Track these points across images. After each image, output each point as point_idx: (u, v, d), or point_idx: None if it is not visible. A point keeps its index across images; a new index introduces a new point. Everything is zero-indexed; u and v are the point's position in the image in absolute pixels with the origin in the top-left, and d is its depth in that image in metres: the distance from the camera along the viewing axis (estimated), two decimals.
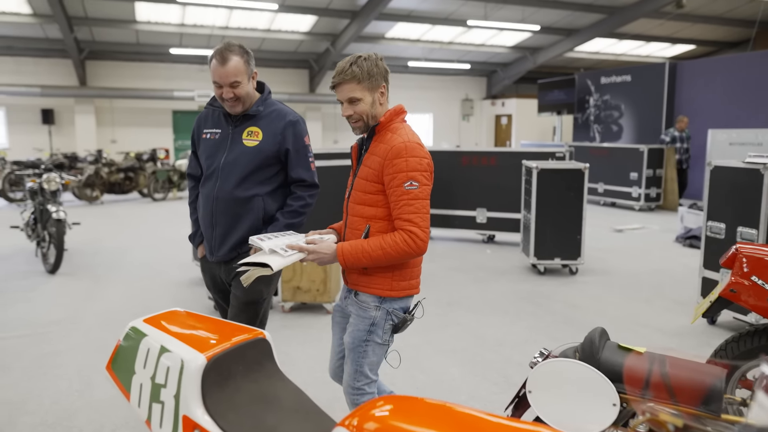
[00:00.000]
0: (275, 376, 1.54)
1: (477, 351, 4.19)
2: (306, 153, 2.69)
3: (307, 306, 5.24)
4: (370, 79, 2.19)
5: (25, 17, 15.21)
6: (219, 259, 2.67)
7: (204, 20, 16.47)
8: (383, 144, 2.19)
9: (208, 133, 2.71)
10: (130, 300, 5.49)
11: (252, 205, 2.61)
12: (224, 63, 2.51)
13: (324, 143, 21.50)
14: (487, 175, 7.98)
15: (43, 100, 17.81)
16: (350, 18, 16.53)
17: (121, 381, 1.59)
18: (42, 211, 6.70)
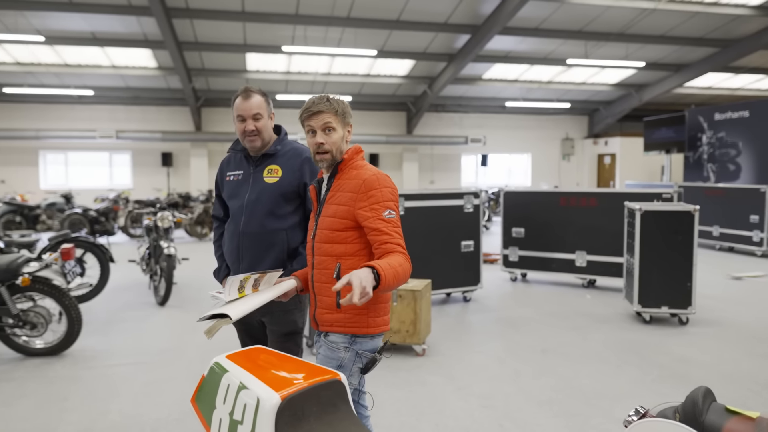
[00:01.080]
0: (349, 419, 1.52)
1: (573, 403, 3.95)
2: None
3: (396, 347, 5.21)
4: (344, 115, 2.31)
5: (151, 70, 16.80)
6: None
7: (308, 68, 17.37)
8: (351, 180, 2.26)
9: (231, 175, 2.88)
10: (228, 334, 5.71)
11: (276, 239, 2.75)
12: (248, 98, 2.73)
13: (420, 183, 21.69)
14: (588, 216, 7.66)
15: (164, 144, 19.42)
16: (447, 61, 16.78)
17: (203, 414, 1.64)
18: (155, 246, 7.21)
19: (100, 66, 16.51)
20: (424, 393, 4.14)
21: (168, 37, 13.63)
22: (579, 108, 22.46)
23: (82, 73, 16.72)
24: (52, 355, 5.01)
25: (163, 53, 15.37)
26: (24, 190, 18.48)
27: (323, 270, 2.27)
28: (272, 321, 2.78)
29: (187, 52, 15.57)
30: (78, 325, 5.02)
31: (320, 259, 2.28)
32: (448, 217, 6.80)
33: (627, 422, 1.94)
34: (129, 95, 18.78)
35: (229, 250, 2.83)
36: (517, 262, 8.16)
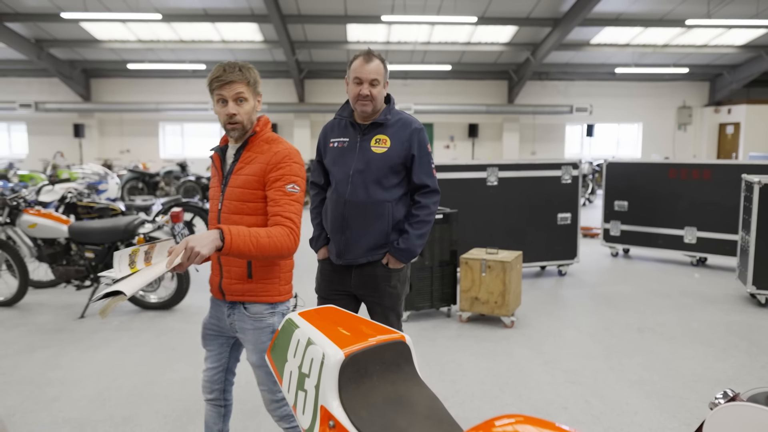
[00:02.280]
0: (412, 380, 1.55)
1: (668, 385, 3.76)
2: (429, 160, 2.80)
3: (485, 317, 5.18)
4: (255, 84, 2.24)
5: (257, 44, 17.43)
6: (347, 262, 2.77)
7: (407, 37, 17.26)
8: (262, 154, 2.23)
9: (335, 142, 2.81)
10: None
11: (383, 210, 2.72)
12: (368, 62, 2.65)
13: (521, 155, 21.08)
14: (700, 190, 7.12)
15: (269, 115, 20.09)
16: (552, 26, 16.02)
17: (276, 366, 1.74)
18: None
19: (211, 41, 17.36)
20: (510, 364, 4.10)
21: (272, 11, 14.04)
22: (699, 73, 20.68)
23: (195, 48, 17.68)
24: (164, 309, 5.47)
25: (269, 27, 15.87)
26: (146, 158, 20.03)
27: None
28: (373, 293, 2.79)
29: (290, 25, 15.97)
30: (186, 284, 5.44)
31: None
32: (544, 188, 6.59)
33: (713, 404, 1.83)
34: None
35: (332, 218, 2.78)
36: (619, 236, 7.77)
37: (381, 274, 2.78)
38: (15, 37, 15.87)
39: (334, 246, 2.81)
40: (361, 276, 2.79)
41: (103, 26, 15.87)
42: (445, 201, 6.04)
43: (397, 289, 2.82)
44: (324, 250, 2.90)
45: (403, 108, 19.32)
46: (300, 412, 1.54)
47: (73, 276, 5.42)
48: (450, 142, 21.03)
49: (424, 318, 5.19)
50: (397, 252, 2.75)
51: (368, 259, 2.75)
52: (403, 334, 1.62)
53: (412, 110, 19.43)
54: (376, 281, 2.78)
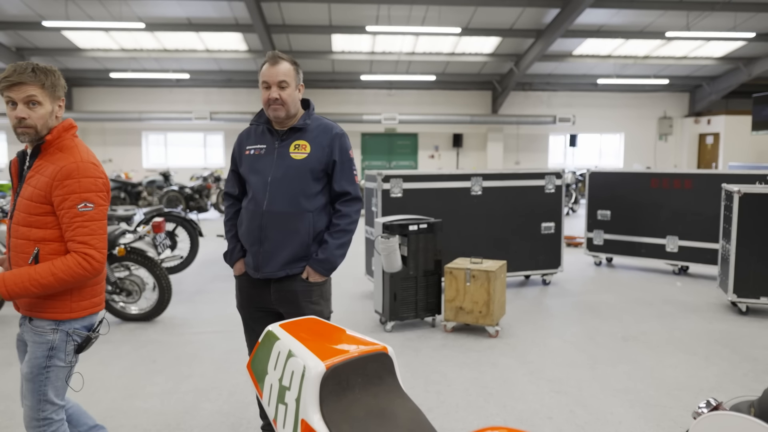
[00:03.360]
0: (395, 392, 1.53)
1: (652, 394, 3.77)
2: (351, 166, 2.69)
3: (470, 327, 5.16)
4: (54, 88, 2.11)
5: (242, 53, 17.40)
6: (266, 275, 2.63)
7: (392, 47, 17.33)
8: (52, 164, 2.09)
9: (251, 149, 2.67)
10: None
11: (302, 220, 2.59)
12: (275, 64, 2.55)
13: (506, 164, 21.21)
14: (681, 199, 7.20)
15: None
16: (535, 37, 16.20)
17: (257, 379, 1.71)
18: None
19: (195, 50, 17.29)
20: (495, 374, 4.09)
21: (257, 20, 14.03)
22: (679, 84, 21.02)
23: (179, 58, 17.59)
24: (145, 320, 5.38)
25: (253, 36, 15.85)
26: (128, 168, 19.84)
27: (20, 254, 2.13)
28: (291, 308, 2.65)
29: (275, 35, 15.97)
30: (168, 294, 5.36)
31: (17, 242, 2.14)
32: (528, 197, 6.62)
33: (696, 414, 1.83)
34: (222, 78, 19.59)
35: (248, 230, 2.64)
36: (602, 246, 7.83)
37: (301, 288, 2.64)
38: None
39: (251, 259, 2.66)
40: (280, 291, 2.66)
41: (86, 35, 15.74)
42: (429, 210, 6.04)
43: (319, 305, 2.69)
44: (240, 264, 2.76)
45: (386, 117, 19.36)
46: (281, 426, 1.51)
47: None
48: (434, 152, 21.10)
49: (409, 328, 5.17)
50: (316, 264, 2.61)
51: (287, 272, 2.62)
52: (385, 345, 1.60)
53: (397, 120, 19.50)
54: (295, 296, 2.64)
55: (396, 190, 6.11)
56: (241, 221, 2.71)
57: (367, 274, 6.54)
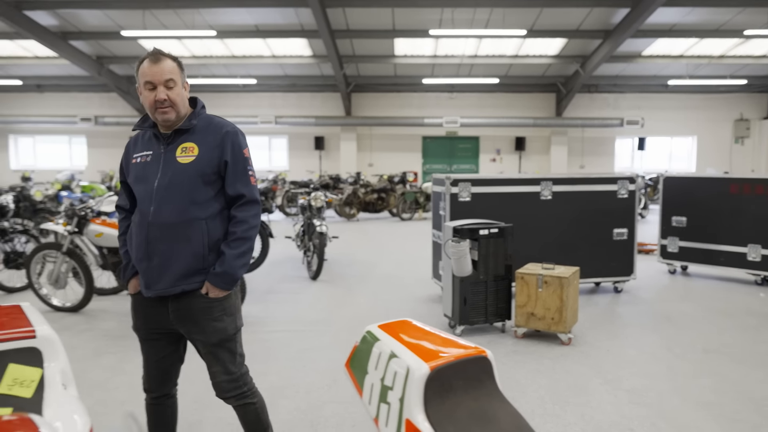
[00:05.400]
0: (495, 396, 1.54)
1: (739, 409, 3.61)
2: (246, 166, 2.45)
3: (540, 334, 5.09)
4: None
5: (306, 58, 17.78)
6: (157, 293, 2.39)
7: (455, 50, 17.29)
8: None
9: (138, 157, 2.45)
10: (374, 308, 5.98)
11: (194, 229, 2.35)
12: (157, 62, 2.33)
13: (569, 168, 20.75)
14: (764, 206, 6.85)
15: (316, 128, 20.52)
16: (603, 38, 15.79)
17: (356, 378, 1.76)
18: (309, 224, 7.70)
19: (262, 56, 17.80)
20: (570, 382, 4.02)
21: (322, 26, 14.31)
22: (757, 85, 19.99)
23: (246, 64, 18.16)
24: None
25: (318, 42, 16.18)
26: None
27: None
28: (194, 329, 2.44)
29: (339, 40, 16.23)
30: (242, 294, 5.54)
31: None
32: (599, 203, 6.47)
33: None
34: (286, 83, 20.07)
35: (136, 244, 2.39)
36: (677, 253, 7.54)
37: (200, 306, 2.40)
38: (78, 54, 16.63)
39: (141, 276, 2.43)
40: (178, 309, 2.42)
41: (160, 43, 16.47)
42: (497, 215, 6.00)
43: (222, 322, 2.44)
44: (135, 282, 2.51)
45: (447, 120, 19.30)
46: (383, 424, 1.55)
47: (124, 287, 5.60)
48: (496, 156, 20.89)
49: (478, 333, 5.15)
50: (214, 278, 2.37)
51: (182, 288, 2.38)
52: (484, 349, 1.62)
53: (459, 123, 19.41)
54: (195, 314, 2.41)
55: (464, 194, 6.10)
56: (130, 235, 2.47)
57: (434, 278, 6.55)
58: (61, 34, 15.73)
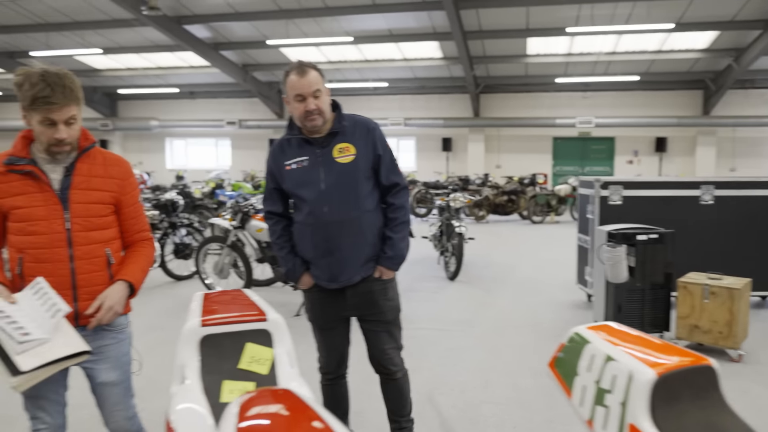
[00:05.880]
0: (724, 409, 1.49)
1: None
2: (392, 156, 2.71)
3: (704, 348, 4.75)
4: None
5: (437, 60, 17.91)
6: (342, 284, 2.63)
7: (591, 48, 16.58)
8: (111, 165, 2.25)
9: (292, 164, 2.60)
10: (517, 311, 5.91)
11: (367, 221, 2.61)
12: (304, 74, 2.50)
13: (718, 171, 19.09)
14: None
15: (444, 130, 20.59)
16: (762, 28, 14.36)
17: (563, 379, 1.77)
18: (447, 225, 7.77)
19: (393, 60, 18.19)
20: (746, 402, 3.73)
21: (455, 28, 14.34)
22: None
23: (378, 67, 18.65)
24: None
25: (449, 44, 16.23)
26: None
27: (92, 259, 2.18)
28: (377, 312, 2.70)
29: (470, 41, 16.17)
30: None
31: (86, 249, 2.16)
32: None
33: None
34: (416, 85, 20.34)
35: (313, 243, 2.60)
36: None
37: (377, 288, 2.69)
38: (227, 63, 18.02)
39: (321, 271, 2.65)
40: (356, 295, 2.67)
41: (299, 50, 17.41)
42: (651, 220, 5.68)
43: (395, 300, 2.77)
44: (307, 278, 2.71)
45: (581, 121, 18.55)
46: (599, 427, 1.55)
47: None
48: (633, 157, 19.73)
49: None
50: (387, 261, 2.66)
51: (362, 276, 2.65)
52: (707, 357, 1.56)
53: (593, 123, 18.59)
54: (373, 297, 2.68)
55: (615, 197, 5.85)
56: (300, 236, 2.67)
57: (579, 284, 6.34)
58: (214, 44, 17.12)
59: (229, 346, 1.79)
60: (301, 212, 2.62)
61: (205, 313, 1.85)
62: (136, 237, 2.34)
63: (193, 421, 1.55)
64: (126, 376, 2.32)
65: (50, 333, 1.86)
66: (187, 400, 1.64)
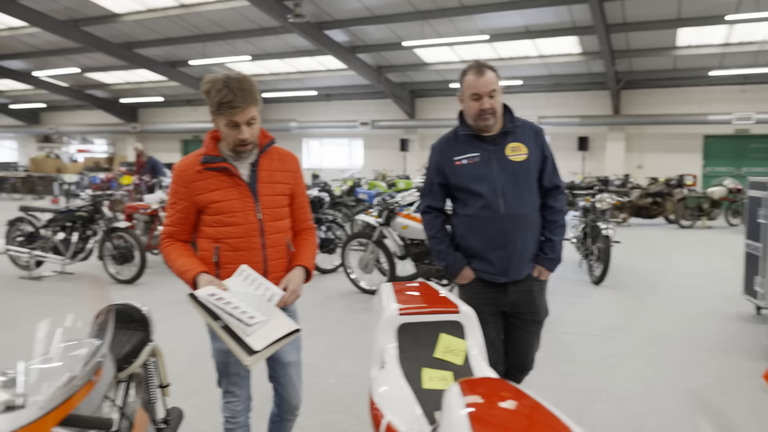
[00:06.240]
0: None
1: None
2: (554, 160, 2.77)
3: None
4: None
5: (575, 56, 17.22)
6: (512, 278, 2.68)
7: (753, 36, 15.06)
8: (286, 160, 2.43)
9: (463, 159, 2.67)
10: (673, 322, 5.52)
11: (535, 220, 2.69)
12: (482, 75, 2.58)
13: None
14: None
15: (580, 128, 19.73)
16: None
17: None
18: (593, 227, 7.44)
19: (528, 57, 17.75)
20: None
21: (598, 21, 13.69)
22: None
23: (512, 65, 18.29)
24: None
25: (589, 38, 15.53)
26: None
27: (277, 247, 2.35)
28: (534, 311, 2.75)
29: (613, 35, 15.35)
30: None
31: (274, 237, 2.33)
32: None
33: None
34: (551, 83, 19.69)
35: (487, 236, 2.65)
36: None
37: (537, 287, 2.75)
38: (362, 65, 18.61)
39: (490, 265, 2.68)
40: (517, 292, 2.71)
41: (432, 51, 17.55)
42: None
43: (545, 301, 2.81)
44: (470, 271, 2.74)
45: (738, 117, 16.93)
46: None
47: (434, 274, 6.05)
48: None
49: None
50: (548, 262, 2.72)
51: (527, 272, 2.71)
52: None
53: (753, 120, 16.87)
54: (532, 296, 2.73)
55: None
56: (468, 229, 2.71)
57: (746, 295, 5.79)
58: (351, 48, 17.76)
59: (425, 335, 1.85)
60: (472, 206, 2.68)
61: (401, 303, 1.93)
62: (303, 226, 2.49)
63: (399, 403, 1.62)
64: (300, 356, 2.49)
65: (268, 315, 2.03)
66: (390, 384, 1.72)
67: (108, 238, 7.01)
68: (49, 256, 7.26)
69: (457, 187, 2.72)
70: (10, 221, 7.72)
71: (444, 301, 2.03)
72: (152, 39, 18.22)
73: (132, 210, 8.30)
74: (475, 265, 2.73)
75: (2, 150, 30.76)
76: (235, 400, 2.41)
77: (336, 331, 5.14)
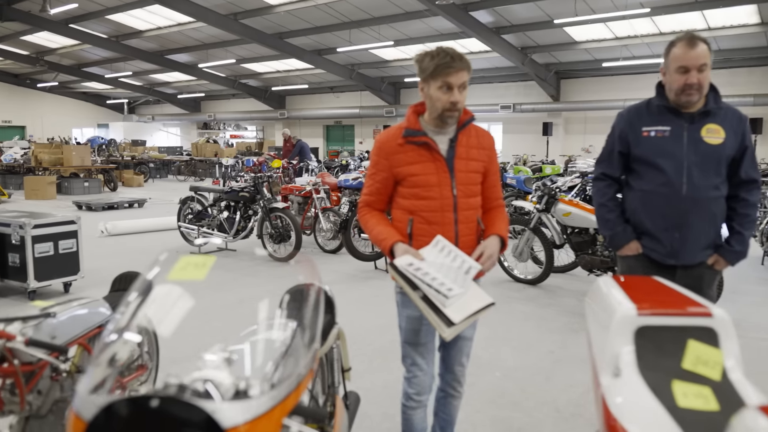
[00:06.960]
0: None
1: None
2: (754, 152, 2.60)
3: None
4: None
5: (750, 27, 15.30)
6: (682, 262, 2.56)
7: None
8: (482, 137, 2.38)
9: (651, 131, 2.58)
10: None
11: (719, 207, 2.55)
12: (693, 47, 2.42)
13: None
14: None
15: (753, 109, 17.56)
16: None
17: None
18: None
19: (693, 30, 16.03)
20: None
21: None
22: None
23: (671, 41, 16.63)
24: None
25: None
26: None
27: (468, 224, 2.34)
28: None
29: None
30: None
31: (466, 213, 2.32)
32: None
33: None
34: (718, 58, 17.61)
35: (663, 214, 2.55)
36: None
37: (709, 277, 2.62)
38: (507, 46, 17.98)
39: (660, 245, 2.59)
40: (687, 277, 2.57)
41: (583, 28, 16.46)
42: None
43: (713, 291, 2.68)
44: (637, 244, 2.65)
45: None
46: None
47: (597, 266, 5.62)
48: None
49: None
50: (731, 254, 2.58)
51: (700, 259, 2.57)
52: None
53: None
54: (701, 285, 2.57)
55: None
56: (644, 204, 2.62)
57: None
58: (495, 29, 17.19)
59: (669, 341, 1.59)
60: (652, 181, 2.60)
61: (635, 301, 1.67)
62: (494, 204, 2.46)
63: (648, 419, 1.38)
64: (474, 333, 2.50)
65: (465, 287, 2.01)
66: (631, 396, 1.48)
67: (267, 217, 7.34)
68: (214, 233, 7.78)
69: (639, 159, 2.64)
70: (182, 200, 8.38)
71: (689, 301, 1.74)
72: (302, 28, 18.95)
73: (287, 191, 8.66)
74: (644, 242, 2.66)
75: (168, 136, 33.99)
76: (421, 373, 2.40)
77: (495, 322, 4.93)
